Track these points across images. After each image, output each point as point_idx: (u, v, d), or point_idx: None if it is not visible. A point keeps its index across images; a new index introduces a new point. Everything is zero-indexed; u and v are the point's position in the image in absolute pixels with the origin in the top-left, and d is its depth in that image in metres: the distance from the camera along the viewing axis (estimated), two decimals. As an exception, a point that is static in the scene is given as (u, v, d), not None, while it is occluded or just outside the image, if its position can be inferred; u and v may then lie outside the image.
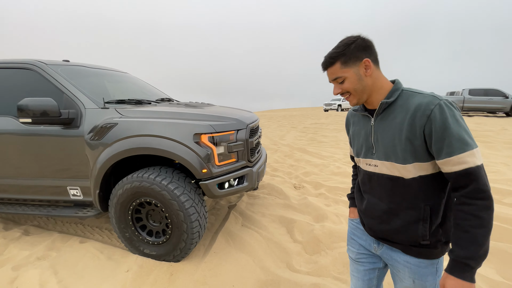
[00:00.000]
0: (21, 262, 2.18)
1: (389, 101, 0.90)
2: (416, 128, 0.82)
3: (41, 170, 2.26)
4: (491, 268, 2.03)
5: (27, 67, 2.30)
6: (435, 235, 0.90)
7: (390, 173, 0.92)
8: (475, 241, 0.76)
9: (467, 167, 0.77)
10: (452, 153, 0.78)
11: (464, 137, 0.78)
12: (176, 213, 1.94)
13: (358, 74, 0.91)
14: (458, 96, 14.33)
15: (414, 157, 0.85)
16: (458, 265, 0.78)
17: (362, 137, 1.01)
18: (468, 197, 0.79)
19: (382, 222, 0.98)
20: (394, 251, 0.99)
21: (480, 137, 7.26)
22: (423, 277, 0.93)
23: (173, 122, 2.03)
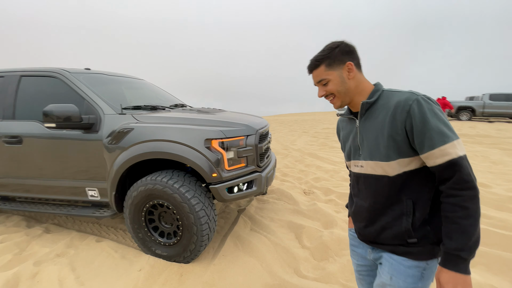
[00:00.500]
0: (42, 258, 2.31)
1: (370, 101, 0.93)
2: (397, 124, 0.85)
3: (63, 172, 2.40)
4: (507, 281, 1.96)
5: (52, 75, 2.46)
6: (421, 232, 0.88)
7: (374, 173, 0.93)
8: (465, 232, 0.76)
9: (450, 159, 0.78)
10: (433, 146, 0.79)
11: (443, 129, 0.80)
12: (186, 216, 2.01)
13: (341, 76, 0.94)
14: (478, 101, 13.82)
15: (398, 154, 0.86)
16: (451, 257, 0.78)
17: (350, 140, 1.04)
18: (454, 188, 0.79)
19: (368, 224, 0.98)
20: (384, 251, 0.97)
21: (501, 144, 6.98)
22: (402, 277, 0.89)
23: (185, 127, 2.11)
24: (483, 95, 13.69)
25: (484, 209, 3.01)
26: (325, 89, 0.97)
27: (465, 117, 14.10)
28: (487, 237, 2.41)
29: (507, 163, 5.11)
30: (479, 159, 5.51)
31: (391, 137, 0.86)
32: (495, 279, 1.96)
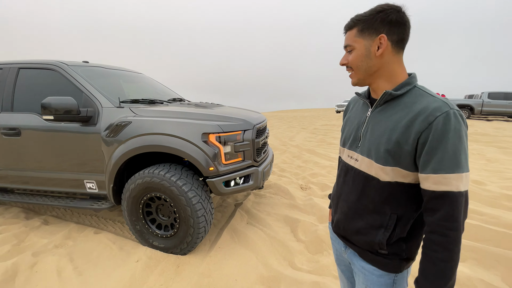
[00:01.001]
0: (41, 249, 2.34)
1: (394, 94, 0.78)
2: (412, 133, 0.72)
3: (61, 164, 2.42)
4: (496, 275, 2.00)
5: (50, 67, 2.46)
6: (395, 248, 0.82)
7: (367, 171, 0.83)
8: (442, 275, 0.70)
9: (447, 190, 0.68)
10: (438, 170, 0.68)
11: (459, 157, 0.68)
12: (183, 208, 2.04)
13: (368, 49, 0.79)
14: (477, 99, 13.84)
15: (396, 162, 0.76)
16: None
17: (354, 126, 0.92)
18: (441, 225, 0.70)
19: (346, 219, 0.92)
20: (355, 255, 0.93)
21: (498, 142, 7.02)
22: (375, 286, 0.87)
23: (183, 121, 2.13)
24: (482, 93, 13.70)
25: (478, 205, 3.06)
26: (347, 58, 0.83)
27: (463, 115, 14.15)
28: (479, 232, 2.46)
29: (502, 161, 5.15)
30: (476, 157, 5.56)
31: (398, 143, 0.74)
32: (485, 274, 2.00)
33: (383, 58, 0.79)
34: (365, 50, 0.79)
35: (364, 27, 0.78)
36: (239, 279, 1.93)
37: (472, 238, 2.42)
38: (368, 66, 0.80)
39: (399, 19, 0.76)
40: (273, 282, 1.93)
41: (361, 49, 0.79)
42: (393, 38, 0.77)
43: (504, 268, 2.03)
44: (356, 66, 0.82)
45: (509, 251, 2.15)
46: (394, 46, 0.78)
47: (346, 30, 0.83)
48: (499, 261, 2.09)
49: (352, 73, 0.85)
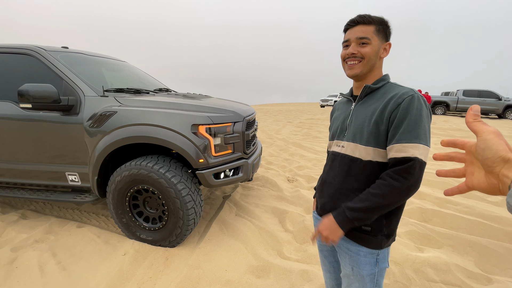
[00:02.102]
0: (20, 244, 2.24)
1: (373, 87, 0.94)
2: (386, 112, 0.86)
3: (40, 155, 2.30)
4: (470, 260, 2.15)
5: (27, 52, 2.30)
6: (377, 223, 0.92)
7: (352, 154, 0.95)
8: (363, 200, 0.85)
9: (405, 156, 0.80)
10: (400, 140, 0.82)
11: (418, 131, 0.81)
12: (173, 201, 2.01)
13: (379, 49, 0.92)
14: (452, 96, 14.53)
15: (376, 142, 0.89)
16: (339, 210, 0.90)
17: (340, 120, 1.05)
18: (387, 173, 0.84)
19: (332, 200, 1.00)
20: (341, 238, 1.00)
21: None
22: (361, 266, 0.96)
23: (171, 112, 2.08)
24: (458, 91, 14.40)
25: (453, 196, 3.24)
26: (360, 49, 0.92)
27: (439, 112, 14.83)
28: (454, 221, 2.62)
29: (475, 155, 5.48)
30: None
31: (376, 123, 0.88)
32: (460, 259, 2.15)
33: (380, 60, 0.95)
34: (377, 48, 0.92)
35: (380, 29, 0.91)
36: (229, 270, 1.95)
37: (448, 226, 2.58)
38: (373, 63, 0.93)
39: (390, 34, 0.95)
40: (263, 271, 1.96)
41: (376, 46, 0.91)
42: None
43: (477, 254, 2.19)
44: (368, 59, 0.92)
45: (481, 238, 2.32)
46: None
47: (360, 23, 0.91)
48: (472, 247, 2.24)
49: (358, 64, 0.93)
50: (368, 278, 0.96)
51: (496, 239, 2.35)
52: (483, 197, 3.23)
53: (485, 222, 2.57)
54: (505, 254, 2.13)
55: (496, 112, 13.81)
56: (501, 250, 2.17)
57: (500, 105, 13.57)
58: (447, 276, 1.90)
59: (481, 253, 2.19)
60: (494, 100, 13.67)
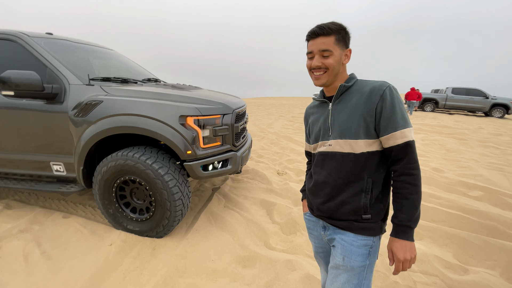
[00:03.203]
0: (3, 234, 2.20)
1: (347, 85, 1.00)
2: (370, 105, 0.93)
3: (23, 144, 2.25)
4: (449, 252, 2.24)
5: (9, 38, 2.22)
6: (375, 208, 0.98)
7: (342, 150, 0.99)
8: (413, 206, 0.90)
9: (408, 140, 0.91)
10: (397, 128, 0.91)
11: (405, 116, 0.93)
12: (160, 192, 2.01)
13: (340, 57, 0.98)
14: (441, 94, 14.78)
15: (365, 134, 0.95)
16: (402, 228, 0.91)
17: (320, 122, 1.08)
18: (407, 167, 0.92)
19: (328, 199, 1.03)
20: (337, 232, 1.03)
21: (457, 134, 7.63)
22: (352, 256, 0.97)
23: (159, 103, 2.06)
24: (447, 88, 14.65)
25: (435, 190, 3.35)
26: (324, 61, 0.97)
27: (429, 108, 15.10)
28: (435, 214, 2.71)
29: (460, 151, 5.64)
30: (437, 147, 6.02)
31: (363, 117, 0.94)
32: (439, 250, 2.23)
33: (344, 66, 1.02)
34: (339, 57, 0.98)
35: (339, 38, 0.96)
36: (216, 260, 1.98)
37: (429, 219, 2.67)
38: (338, 70, 1.00)
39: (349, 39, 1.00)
40: (249, 261, 2.00)
41: (338, 55, 0.97)
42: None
43: (456, 246, 2.28)
44: (332, 69, 0.98)
45: (460, 231, 2.41)
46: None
47: (320, 35, 0.95)
48: (452, 240, 2.33)
49: (324, 75, 0.99)
50: (358, 270, 0.96)
51: (475, 232, 2.45)
52: (464, 191, 3.35)
53: (465, 216, 2.67)
54: (482, 246, 2.23)
55: (483, 110, 14.14)
56: (479, 242, 2.26)
57: (487, 103, 13.89)
58: (426, 266, 1.98)
59: (460, 245, 2.28)
60: (481, 99, 13.97)
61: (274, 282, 1.77)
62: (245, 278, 1.82)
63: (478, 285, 1.79)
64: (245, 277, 1.83)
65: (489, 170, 4.33)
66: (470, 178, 3.88)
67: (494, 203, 3.05)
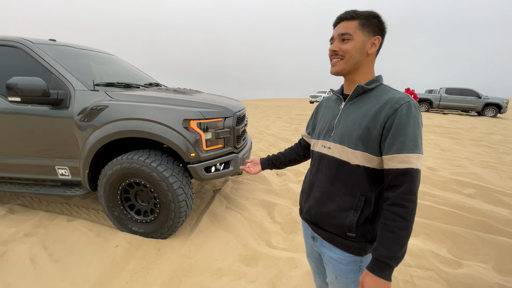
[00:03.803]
0: (9, 238, 2.24)
1: (366, 88, 0.89)
2: (380, 118, 0.83)
3: (29, 149, 2.29)
4: (443, 247, 2.33)
5: (13, 45, 2.27)
6: (362, 229, 0.90)
7: (339, 157, 0.92)
8: (398, 242, 0.78)
9: (409, 167, 0.79)
10: (402, 150, 0.79)
11: (417, 140, 0.80)
12: (164, 193, 2.06)
13: (364, 44, 0.88)
14: (435, 94, 15.03)
15: (365, 147, 0.86)
16: (380, 264, 0.80)
17: (327, 119, 1.01)
18: (401, 198, 0.79)
19: (318, 204, 0.98)
20: (324, 246, 1.00)
21: (451, 134, 7.79)
22: (344, 274, 0.95)
23: (163, 107, 2.12)
24: (441, 89, 14.90)
25: (430, 189, 3.45)
26: (342, 46, 0.89)
27: (423, 108, 15.33)
28: (431, 212, 2.81)
29: (454, 150, 5.77)
30: (431, 146, 6.15)
31: (368, 128, 0.84)
32: (434, 246, 2.32)
33: (368, 57, 0.90)
34: (361, 43, 0.87)
35: (365, 23, 0.87)
36: (220, 259, 2.04)
37: (425, 216, 2.76)
38: (359, 59, 0.89)
39: (385, 30, 0.90)
40: (252, 259, 2.06)
41: (359, 42, 0.87)
42: (381, 43, 0.90)
43: (450, 241, 2.37)
44: (350, 56, 0.88)
45: (455, 227, 2.50)
46: (378, 50, 0.91)
47: (344, 19, 0.89)
48: (446, 236, 2.42)
49: (340, 61, 0.90)
50: (353, 285, 0.95)
51: (468, 228, 2.54)
52: (458, 189, 3.45)
53: (459, 213, 2.76)
54: (475, 241, 2.32)
55: (476, 110, 14.40)
56: (472, 237, 2.35)
57: (480, 103, 14.15)
58: (422, 261, 2.06)
59: (454, 240, 2.37)
60: (474, 98, 14.24)
61: (277, 279, 1.84)
62: (249, 275, 1.88)
63: (472, 278, 1.87)
64: (249, 274, 1.89)
65: (482, 168, 4.46)
66: (464, 176, 4.00)
67: (487, 200, 3.16)
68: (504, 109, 13.79)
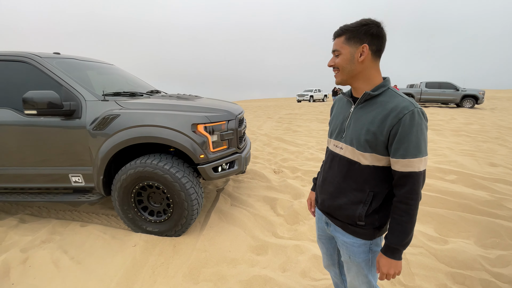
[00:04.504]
0: (27, 245, 2.32)
1: (372, 94, 0.96)
2: (386, 126, 0.91)
3: (43, 159, 2.38)
4: (430, 227, 2.60)
5: (22, 59, 2.36)
6: (370, 218, 1.02)
7: (350, 157, 1.02)
8: (404, 232, 0.94)
9: (412, 171, 0.90)
10: (405, 156, 0.89)
11: (420, 145, 0.89)
12: (178, 193, 2.22)
13: (352, 55, 0.95)
14: (416, 88, 15.68)
15: (373, 149, 0.95)
16: (391, 249, 0.97)
17: (339, 119, 1.10)
18: (406, 197, 0.93)
19: (331, 197, 1.10)
20: (337, 231, 1.13)
21: (432, 126, 8.24)
22: (356, 255, 1.08)
23: (172, 113, 2.27)
24: (421, 83, 15.57)
25: (417, 177, 3.74)
26: (335, 60, 1.00)
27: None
28: (418, 197, 3.08)
29: (436, 141, 6.16)
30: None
31: (374, 134, 0.93)
32: (422, 227, 2.58)
33: (363, 64, 0.96)
34: (349, 55, 0.96)
35: (350, 36, 0.95)
36: (232, 250, 2.22)
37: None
38: (351, 69, 0.98)
39: (378, 33, 0.94)
40: (261, 249, 2.25)
41: (347, 54, 0.96)
42: (372, 48, 0.94)
43: (436, 222, 2.64)
44: (342, 68, 0.99)
45: (439, 209, 2.78)
46: (373, 55, 0.96)
47: (335, 37, 0.99)
48: (433, 217, 2.70)
49: (338, 73, 1.02)
50: (364, 263, 1.09)
51: (452, 210, 2.83)
52: (441, 176, 3.77)
53: (442, 197, 3.05)
54: (458, 221, 2.60)
55: (455, 102, 15.11)
56: (456, 218, 2.64)
57: (458, 95, 14.86)
58: (412, 240, 2.30)
59: (439, 221, 2.65)
60: (452, 91, 14.94)
61: (287, 264, 2.04)
62: (261, 263, 2.07)
63: (456, 251, 2.14)
64: (261, 262, 2.08)
65: (462, 156, 4.83)
66: (446, 164, 4.33)
67: (467, 184, 3.48)
68: (481, 100, 14.53)
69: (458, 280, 1.89)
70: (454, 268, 1.99)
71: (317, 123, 9.83)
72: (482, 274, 1.92)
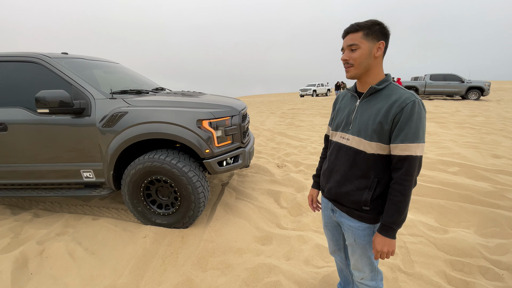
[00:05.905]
0: (42, 238, 2.44)
1: (378, 88, 1.06)
2: (390, 115, 1.00)
3: (55, 156, 2.49)
4: (431, 218, 2.66)
5: (32, 60, 2.45)
6: (374, 203, 1.10)
7: (357, 147, 1.10)
8: (399, 211, 1.01)
9: (409, 155, 0.98)
10: (404, 140, 0.98)
11: (418, 132, 0.98)
12: (185, 187, 2.31)
13: (370, 50, 1.02)
14: (421, 81, 15.52)
15: (379, 138, 1.04)
16: (386, 227, 1.04)
17: (345, 113, 1.18)
18: (402, 178, 1.00)
19: (338, 185, 1.18)
20: (343, 217, 1.22)
21: (436, 118, 8.22)
22: (361, 238, 1.17)
23: (178, 110, 2.35)
24: (425, 75, 15.41)
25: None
26: (351, 55, 1.05)
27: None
28: (419, 189, 3.13)
29: (440, 134, 6.16)
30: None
31: (381, 124, 1.02)
32: (423, 217, 2.64)
33: (376, 59, 1.06)
34: (368, 50, 1.03)
35: (368, 32, 1.02)
36: (238, 241, 2.31)
37: (414, 193, 3.08)
38: (368, 64, 1.05)
39: (388, 32, 1.05)
40: (266, 239, 2.34)
41: (365, 50, 1.03)
42: (385, 46, 1.05)
43: (436, 213, 2.70)
44: (359, 63, 1.05)
45: (440, 200, 2.84)
46: (383, 52, 1.06)
47: (350, 32, 1.05)
48: (433, 208, 2.75)
49: (351, 68, 1.07)
50: (368, 245, 1.17)
51: (452, 200, 2.88)
52: (444, 168, 3.80)
53: (444, 188, 3.10)
54: (458, 211, 2.66)
55: (460, 94, 14.96)
56: (456, 208, 2.69)
57: (463, 87, 14.69)
58: (413, 230, 2.38)
59: (440, 211, 2.70)
60: (457, 83, 14.77)
61: (291, 253, 2.13)
62: (266, 252, 2.16)
63: (456, 240, 2.20)
64: (265, 251, 2.17)
65: (465, 148, 4.84)
66: (449, 156, 4.36)
67: (469, 176, 3.51)
68: (486, 91, 14.35)
69: (456, 267, 1.95)
70: (453, 256, 2.05)
71: (320, 117, 9.84)
72: (481, 261, 1.98)
